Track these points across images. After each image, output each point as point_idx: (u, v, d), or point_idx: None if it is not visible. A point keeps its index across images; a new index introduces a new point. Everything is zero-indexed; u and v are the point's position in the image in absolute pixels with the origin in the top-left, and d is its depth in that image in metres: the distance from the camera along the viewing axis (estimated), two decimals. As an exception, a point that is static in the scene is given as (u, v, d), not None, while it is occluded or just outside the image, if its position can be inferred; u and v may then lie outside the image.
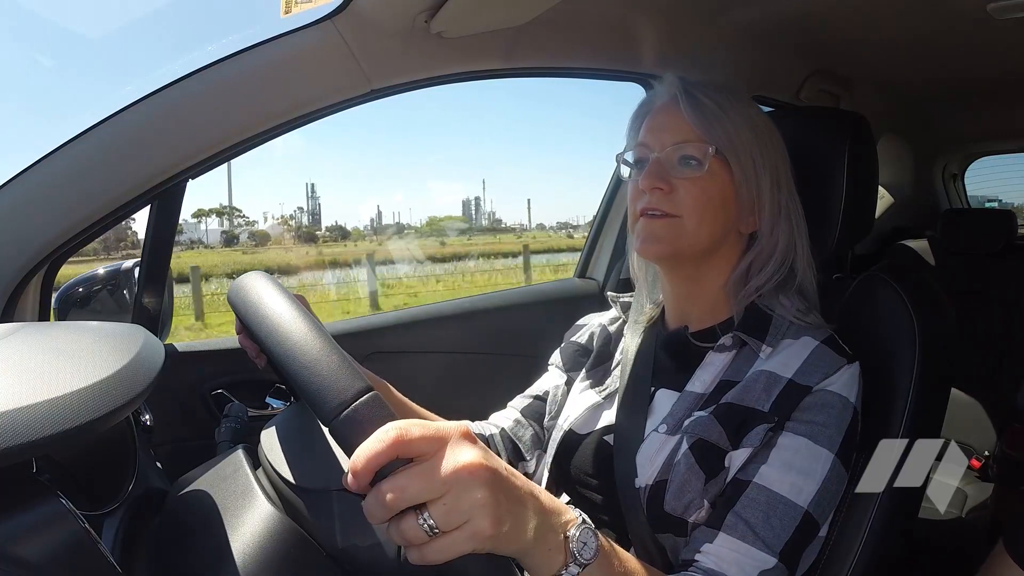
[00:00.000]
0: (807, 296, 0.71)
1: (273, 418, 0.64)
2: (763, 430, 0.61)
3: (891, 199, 2.00)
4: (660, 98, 0.71)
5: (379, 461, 0.36)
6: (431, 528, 0.37)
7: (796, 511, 0.58)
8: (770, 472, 0.60)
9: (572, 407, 0.78)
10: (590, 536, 0.44)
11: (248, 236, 33.01)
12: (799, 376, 0.63)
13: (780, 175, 0.70)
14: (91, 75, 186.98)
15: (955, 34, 1.20)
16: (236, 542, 0.51)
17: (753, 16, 1.12)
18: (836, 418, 0.61)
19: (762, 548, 0.57)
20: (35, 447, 0.40)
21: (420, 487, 0.36)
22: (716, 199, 0.67)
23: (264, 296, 0.52)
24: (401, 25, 0.86)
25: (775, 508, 0.58)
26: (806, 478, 0.59)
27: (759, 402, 0.62)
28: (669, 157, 0.67)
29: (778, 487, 0.59)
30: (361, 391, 0.40)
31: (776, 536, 0.58)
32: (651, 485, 0.63)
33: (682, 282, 0.73)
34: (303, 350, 0.44)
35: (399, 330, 1.24)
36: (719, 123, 0.66)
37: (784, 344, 0.66)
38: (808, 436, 0.60)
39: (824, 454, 0.60)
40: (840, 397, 0.61)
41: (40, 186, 0.83)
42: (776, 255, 0.69)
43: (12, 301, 0.83)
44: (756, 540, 0.57)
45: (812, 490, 0.59)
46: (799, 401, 0.61)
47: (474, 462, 0.38)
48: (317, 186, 47.41)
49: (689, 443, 0.63)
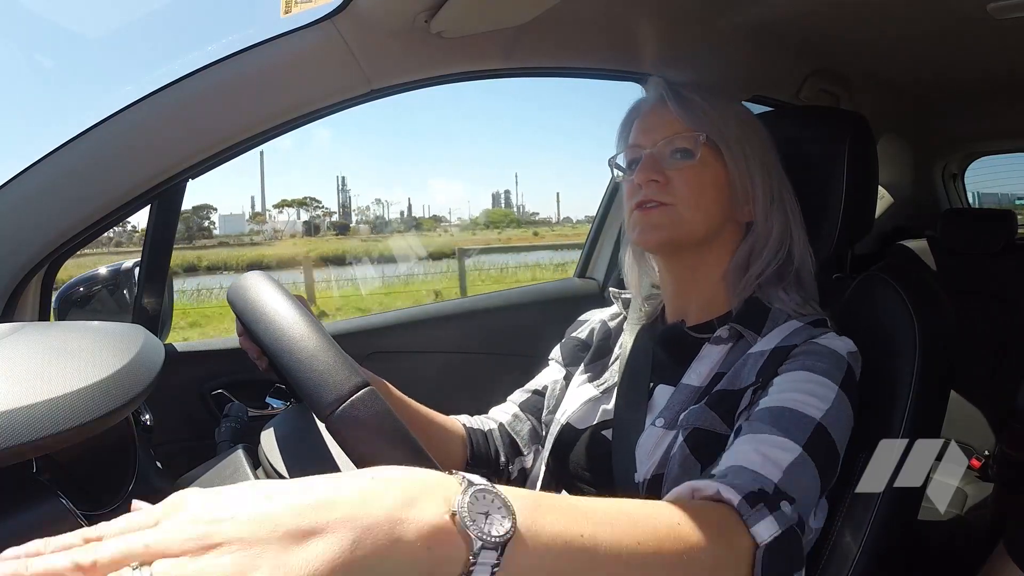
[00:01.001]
0: (805, 286, 0.71)
1: (273, 418, 0.64)
2: (750, 394, 0.61)
3: (891, 199, 2.00)
4: (647, 101, 0.73)
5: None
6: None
7: (808, 420, 0.54)
8: (771, 401, 0.57)
9: (570, 401, 0.78)
10: (491, 500, 0.30)
11: (328, 226, 33.73)
12: (783, 343, 0.63)
13: (770, 165, 0.71)
14: (91, 75, 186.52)
15: (955, 34, 1.20)
16: (236, 542, 0.51)
17: (753, 16, 1.12)
18: (828, 360, 0.59)
19: (783, 435, 0.52)
20: (35, 447, 0.40)
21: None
22: (710, 186, 0.68)
23: (263, 295, 0.52)
24: (401, 25, 0.86)
25: (782, 415, 0.54)
26: (812, 397, 0.56)
27: (747, 380, 0.63)
28: (661, 151, 0.69)
29: (783, 403, 0.55)
30: (357, 386, 0.41)
31: (791, 431, 0.53)
32: (648, 479, 0.63)
33: (681, 273, 0.73)
34: (300, 346, 0.45)
35: (399, 330, 1.24)
36: (707, 115, 0.68)
37: (775, 331, 0.66)
38: (805, 369, 0.58)
39: (827, 382, 0.57)
40: (829, 349, 0.60)
41: (40, 186, 0.83)
42: (771, 242, 0.70)
43: (12, 301, 0.83)
44: (773, 431, 0.53)
45: (822, 406, 0.55)
46: (786, 357, 0.61)
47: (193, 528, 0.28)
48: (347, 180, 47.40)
49: (684, 435, 0.63)
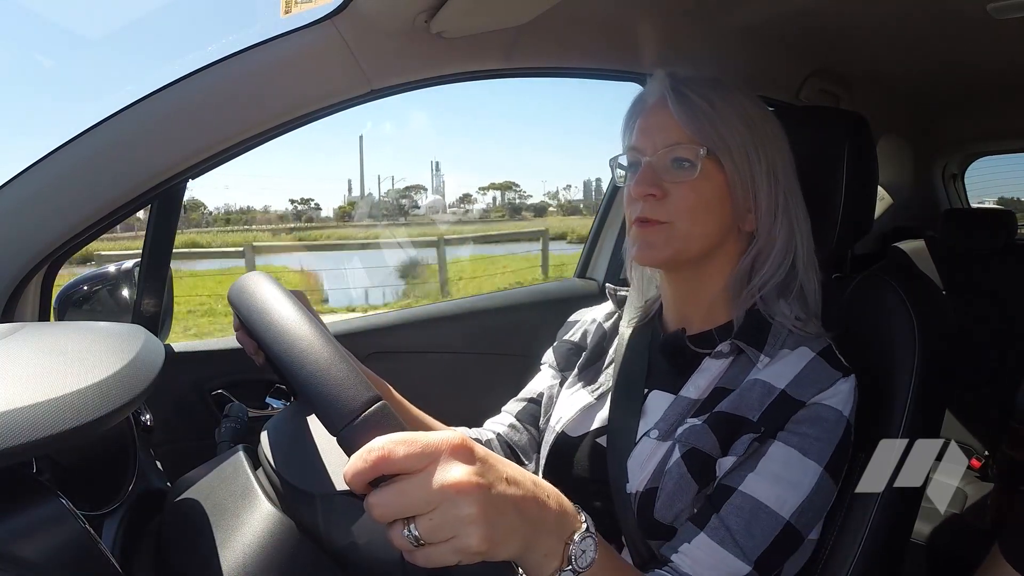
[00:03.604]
0: (808, 301, 0.69)
1: (273, 418, 0.64)
2: (748, 439, 0.61)
3: (891, 199, 2.00)
4: (651, 96, 0.70)
5: (363, 479, 0.37)
6: (416, 539, 0.37)
7: (778, 521, 0.58)
8: (757, 481, 0.59)
9: (564, 408, 0.77)
10: (591, 544, 0.44)
11: (527, 208, 36.21)
12: (792, 388, 0.62)
13: (778, 169, 0.68)
14: (91, 75, 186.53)
15: (955, 34, 1.20)
16: (236, 542, 0.51)
17: (753, 16, 1.12)
18: (829, 432, 0.60)
19: (739, 556, 0.58)
20: (35, 447, 0.40)
21: (404, 503, 0.37)
22: (710, 200, 0.66)
23: (269, 299, 0.51)
24: (401, 25, 0.86)
25: (757, 516, 0.58)
26: (792, 489, 0.59)
27: (751, 411, 0.62)
28: (661, 160, 0.66)
29: (763, 496, 0.59)
30: (370, 401, 0.40)
31: (755, 545, 0.58)
32: (641, 492, 0.63)
33: (682, 284, 0.72)
34: (311, 359, 0.44)
35: (399, 330, 1.24)
36: (710, 122, 0.65)
37: (781, 354, 0.65)
38: (799, 448, 0.60)
39: (813, 467, 0.60)
40: (834, 411, 0.61)
41: (40, 186, 0.83)
42: (775, 253, 0.68)
43: (12, 301, 0.83)
44: (735, 547, 0.58)
45: (796, 502, 0.59)
46: (792, 414, 0.61)
47: (462, 480, 0.38)
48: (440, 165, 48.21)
49: (682, 452, 0.62)
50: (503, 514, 0.39)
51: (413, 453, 0.37)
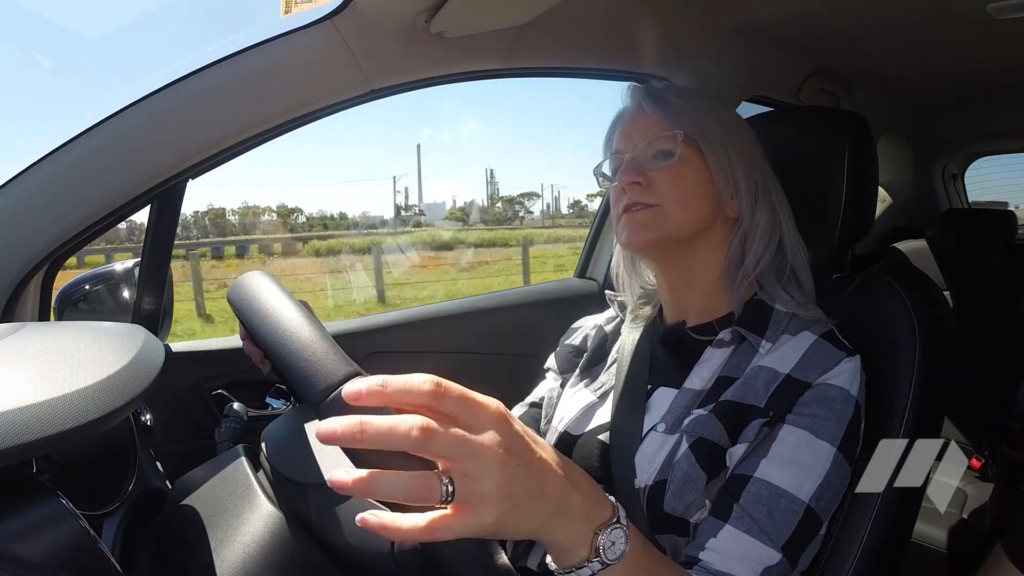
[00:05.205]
0: (803, 285, 0.71)
1: (274, 419, 0.64)
2: (758, 425, 0.61)
3: (891, 199, 2.00)
4: (628, 109, 0.74)
5: (408, 399, 0.36)
6: (447, 494, 0.36)
7: (798, 505, 0.58)
8: (771, 466, 0.59)
9: (566, 408, 0.77)
10: (620, 536, 0.44)
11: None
12: (797, 371, 0.63)
13: (754, 158, 0.71)
14: (91, 75, 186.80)
15: (955, 34, 1.20)
16: (236, 542, 0.52)
17: (753, 16, 1.12)
18: (838, 411, 0.60)
19: (767, 543, 0.57)
20: (35, 447, 0.40)
21: (457, 445, 0.36)
22: (693, 183, 0.68)
23: (263, 291, 0.53)
24: (401, 25, 0.86)
25: (777, 502, 0.58)
26: (808, 472, 0.59)
27: (757, 398, 0.62)
28: (642, 154, 0.69)
29: (780, 481, 0.59)
30: (349, 375, 0.41)
31: (779, 531, 0.58)
32: (651, 486, 0.63)
33: (675, 274, 0.73)
34: (292, 337, 0.46)
35: (399, 330, 1.24)
36: (684, 114, 0.69)
37: (783, 340, 0.66)
38: (809, 429, 0.60)
39: (826, 448, 0.60)
40: (841, 390, 0.61)
41: (40, 186, 0.83)
42: (760, 232, 0.70)
43: (12, 301, 0.83)
44: (761, 534, 0.57)
45: (814, 485, 0.59)
46: (799, 396, 0.61)
47: (498, 445, 0.38)
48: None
49: (689, 442, 0.62)
50: (527, 493, 0.39)
51: (465, 398, 0.37)
